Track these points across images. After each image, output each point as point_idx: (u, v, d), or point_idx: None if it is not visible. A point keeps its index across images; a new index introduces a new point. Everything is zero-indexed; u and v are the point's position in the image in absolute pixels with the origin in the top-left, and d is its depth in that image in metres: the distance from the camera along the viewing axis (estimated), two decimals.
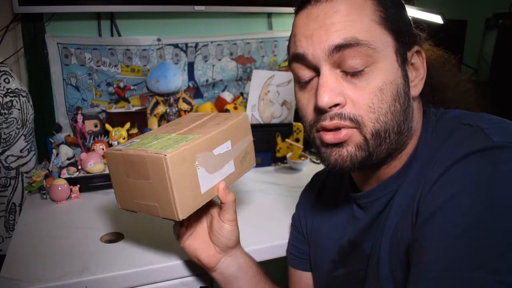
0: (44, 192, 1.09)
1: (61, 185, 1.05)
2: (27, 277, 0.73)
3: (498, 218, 0.41)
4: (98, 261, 0.78)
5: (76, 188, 1.09)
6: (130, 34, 1.44)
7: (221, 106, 1.53)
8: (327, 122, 0.54)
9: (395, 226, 0.56)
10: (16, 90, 1.17)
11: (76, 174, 1.13)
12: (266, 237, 0.88)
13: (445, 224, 0.44)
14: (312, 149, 1.43)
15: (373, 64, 0.53)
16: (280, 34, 1.66)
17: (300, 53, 0.56)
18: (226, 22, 1.58)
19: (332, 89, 0.53)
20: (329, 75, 0.54)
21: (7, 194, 1.20)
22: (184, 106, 1.46)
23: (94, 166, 1.12)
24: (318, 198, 0.77)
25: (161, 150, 0.59)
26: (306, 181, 0.84)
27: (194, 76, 1.57)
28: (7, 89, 1.15)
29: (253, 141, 0.74)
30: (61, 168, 1.13)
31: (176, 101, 1.47)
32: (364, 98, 0.53)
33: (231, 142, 0.67)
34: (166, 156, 0.57)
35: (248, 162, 0.73)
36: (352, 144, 0.55)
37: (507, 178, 0.42)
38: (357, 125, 0.54)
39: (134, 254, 0.81)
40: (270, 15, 1.64)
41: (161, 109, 1.44)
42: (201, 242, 0.71)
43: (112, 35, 1.43)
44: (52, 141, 1.24)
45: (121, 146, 0.65)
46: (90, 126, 1.32)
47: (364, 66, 0.53)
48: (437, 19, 1.41)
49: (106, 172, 1.15)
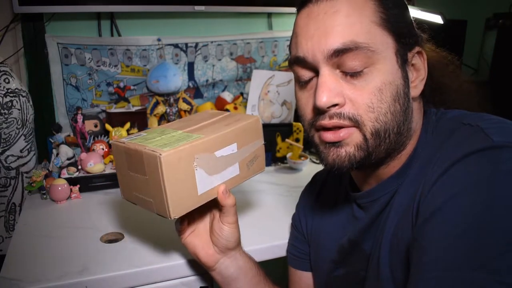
0: (44, 192, 1.09)
1: (61, 185, 1.05)
2: (27, 277, 0.73)
3: (498, 218, 0.41)
4: (98, 261, 0.78)
5: (76, 188, 1.09)
6: (130, 34, 1.44)
7: (221, 106, 1.53)
8: (326, 121, 0.55)
9: (396, 226, 0.56)
10: (16, 90, 1.17)
11: (76, 174, 1.13)
12: (266, 237, 0.88)
13: (445, 224, 0.44)
14: (312, 149, 1.43)
15: (372, 65, 0.53)
16: (280, 34, 1.66)
17: (300, 56, 0.56)
18: (226, 22, 1.58)
19: (331, 89, 0.53)
20: (328, 76, 0.54)
21: (7, 194, 1.20)
22: (184, 106, 1.46)
23: (94, 166, 1.12)
24: (318, 198, 0.77)
25: (159, 148, 0.59)
26: (306, 181, 0.84)
27: (194, 76, 1.56)
28: (7, 89, 1.15)
29: (264, 144, 0.73)
30: (61, 168, 1.13)
31: (176, 101, 1.47)
32: (363, 98, 0.53)
33: (237, 144, 0.67)
34: (161, 155, 0.57)
35: (256, 166, 0.72)
36: (351, 144, 0.55)
37: (507, 178, 0.42)
38: (356, 124, 0.54)
39: (134, 254, 0.81)
40: (270, 15, 1.64)
41: (161, 109, 1.44)
42: (201, 240, 0.71)
43: (112, 35, 1.43)
44: (52, 141, 1.24)
45: (125, 139, 0.66)
46: (90, 126, 1.32)
47: (363, 67, 0.53)
48: (437, 19, 1.41)
49: (106, 172, 1.15)
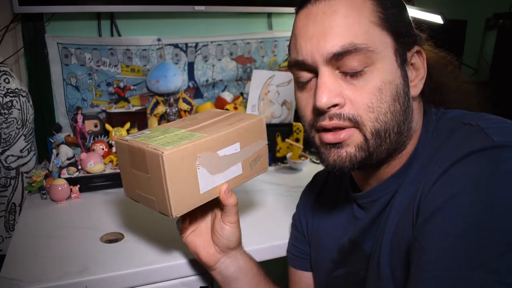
0: (44, 192, 1.09)
1: (61, 185, 1.05)
2: (27, 277, 0.73)
3: (498, 218, 0.41)
4: (98, 261, 0.78)
5: (76, 188, 1.09)
6: (130, 34, 1.44)
7: (221, 106, 1.53)
8: (326, 122, 0.55)
9: (396, 226, 0.56)
10: (16, 90, 1.17)
11: (76, 174, 1.13)
12: (266, 237, 0.88)
13: (445, 224, 0.44)
14: (312, 149, 1.43)
15: (371, 65, 0.53)
16: (280, 34, 1.66)
17: (300, 59, 0.56)
18: (226, 22, 1.58)
19: (330, 90, 0.53)
20: (327, 76, 0.54)
21: (7, 194, 1.20)
22: (184, 106, 1.46)
23: (94, 166, 1.12)
24: (318, 198, 0.77)
25: (161, 146, 0.59)
26: (306, 181, 0.84)
27: (194, 76, 1.56)
28: (7, 89, 1.15)
29: (267, 144, 0.72)
30: (61, 168, 1.13)
31: (176, 101, 1.47)
32: (363, 98, 0.53)
33: (240, 144, 0.67)
34: (163, 153, 0.57)
35: (259, 166, 0.72)
36: (352, 144, 0.55)
37: (507, 178, 0.42)
38: (356, 125, 0.54)
39: (134, 254, 0.81)
40: (270, 15, 1.64)
41: (161, 109, 1.44)
42: (202, 239, 0.71)
43: (112, 35, 1.43)
44: (52, 141, 1.24)
45: (128, 137, 0.66)
46: (90, 126, 1.32)
47: (362, 67, 0.53)
48: (437, 19, 1.41)
49: (106, 172, 1.15)
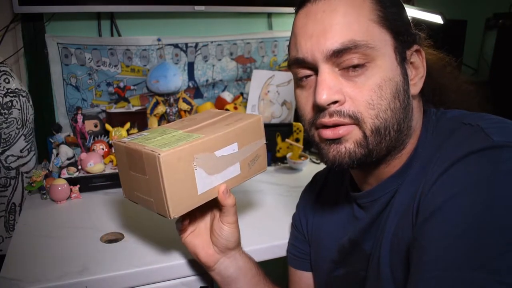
0: (44, 192, 1.09)
1: (61, 185, 1.05)
2: (27, 277, 0.73)
3: (498, 218, 0.41)
4: (98, 261, 0.78)
5: (76, 188, 1.09)
6: (130, 34, 1.44)
7: (221, 106, 1.53)
8: (326, 119, 0.55)
9: (396, 226, 0.56)
10: (16, 90, 1.17)
11: (76, 174, 1.13)
12: (266, 237, 0.88)
13: (445, 223, 0.44)
14: (312, 149, 1.43)
15: (372, 61, 0.53)
16: (280, 34, 1.66)
17: (300, 57, 0.56)
18: (226, 22, 1.58)
19: (330, 86, 0.53)
20: (327, 73, 0.54)
21: (7, 194, 1.20)
22: (184, 106, 1.46)
23: (94, 166, 1.12)
24: (318, 198, 0.77)
25: (158, 147, 0.59)
26: (306, 181, 0.84)
27: (194, 76, 1.56)
28: (7, 89, 1.15)
29: (266, 144, 0.72)
30: (61, 168, 1.13)
31: (176, 101, 1.47)
32: (363, 95, 0.53)
33: (238, 144, 0.67)
34: (160, 155, 0.57)
35: (258, 165, 0.72)
36: (351, 140, 0.55)
37: (507, 178, 0.42)
38: (356, 121, 0.54)
39: (134, 254, 0.81)
40: (270, 15, 1.64)
41: (161, 109, 1.44)
42: (201, 240, 0.71)
43: (112, 35, 1.43)
44: (52, 141, 1.24)
45: (126, 139, 0.66)
46: (90, 126, 1.32)
47: (363, 64, 0.53)
48: (437, 19, 1.41)
49: (106, 172, 1.15)
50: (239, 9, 1.53)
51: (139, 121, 1.36)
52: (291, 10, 0.60)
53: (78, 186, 1.09)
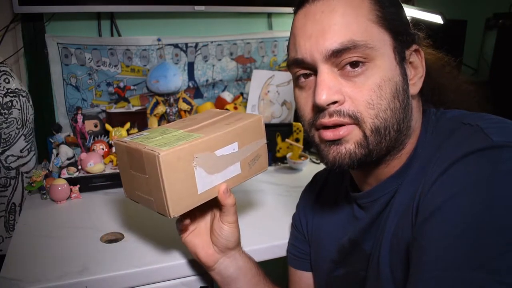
0: (44, 192, 1.09)
1: (61, 185, 1.05)
2: (27, 277, 0.73)
3: (497, 218, 0.41)
4: (98, 261, 0.78)
5: (76, 188, 1.09)
6: (130, 34, 1.44)
7: (221, 106, 1.53)
8: (326, 119, 0.55)
9: (396, 226, 0.56)
10: (16, 90, 1.17)
11: (76, 174, 1.13)
12: (266, 237, 0.88)
13: (444, 223, 0.44)
14: (312, 149, 1.43)
15: (371, 61, 0.53)
16: (280, 34, 1.66)
17: (299, 58, 0.56)
18: (226, 22, 1.58)
19: (330, 87, 0.53)
20: (327, 74, 0.54)
21: (7, 194, 1.20)
22: (184, 106, 1.46)
23: (94, 166, 1.12)
24: (318, 198, 0.77)
25: (158, 147, 0.59)
26: (306, 181, 0.84)
27: (194, 76, 1.56)
28: (7, 89, 1.15)
29: (267, 143, 0.72)
30: (61, 168, 1.13)
31: (176, 101, 1.47)
32: (363, 95, 0.53)
33: (239, 143, 0.67)
34: (159, 154, 0.57)
35: (259, 165, 0.72)
36: (351, 141, 0.55)
37: (507, 178, 0.42)
38: (356, 121, 0.54)
39: (134, 254, 0.81)
40: (270, 15, 1.64)
41: (161, 109, 1.44)
42: (201, 239, 0.71)
43: (112, 35, 1.43)
44: (52, 141, 1.24)
45: (127, 138, 0.66)
46: (90, 126, 1.32)
47: (362, 64, 0.53)
48: (437, 19, 1.41)
49: (106, 172, 1.15)
50: (239, 9, 1.53)
51: (139, 121, 1.36)
52: (291, 10, 0.60)
53: (78, 186, 1.09)
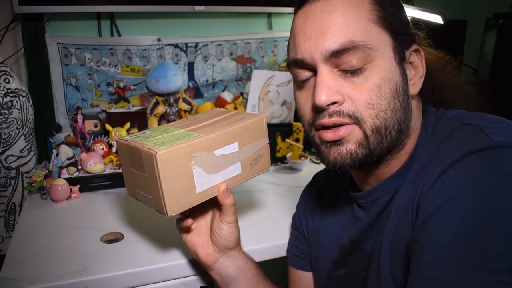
0: (44, 192, 1.09)
1: (61, 185, 1.05)
2: (27, 277, 0.73)
3: (497, 218, 0.41)
4: (98, 261, 0.78)
5: (76, 188, 1.09)
6: (130, 34, 1.44)
7: (221, 106, 1.53)
8: (326, 120, 0.55)
9: (396, 226, 0.56)
10: (16, 90, 1.17)
11: (76, 174, 1.13)
12: (266, 237, 0.88)
13: (444, 223, 0.44)
14: (312, 149, 1.43)
15: (371, 62, 0.53)
16: (280, 34, 1.66)
17: (299, 58, 0.56)
18: (226, 22, 1.58)
19: (329, 87, 0.53)
20: (326, 74, 0.54)
21: (7, 194, 1.20)
22: (184, 106, 1.46)
23: (94, 166, 1.12)
24: (318, 198, 0.77)
25: (156, 146, 0.60)
26: (306, 181, 0.84)
27: (194, 76, 1.56)
28: (7, 89, 1.15)
29: (269, 143, 0.72)
30: (61, 168, 1.13)
31: (176, 101, 1.47)
32: (362, 95, 0.53)
33: (239, 143, 0.67)
34: (156, 153, 0.58)
35: (260, 165, 0.72)
36: (352, 141, 0.55)
37: (507, 178, 0.42)
38: (356, 121, 0.54)
39: (134, 254, 0.81)
40: (270, 15, 1.64)
41: (161, 109, 1.44)
42: (201, 239, 0.71)
43: (112, 35, 1.43)
44: (52, 141, 1.24)
45: (128, 137, 0.67)
46: (90, 126, 1.32)
47: (361, 64, 0.53)
48: (437, 19, 1.41)
49: (106, 172, 1.15)
50: (239, 9, 1.53)
51: (139, 121, 1.36)
52: (291, 10, 0.60)
53: (78, 186, 1.10)
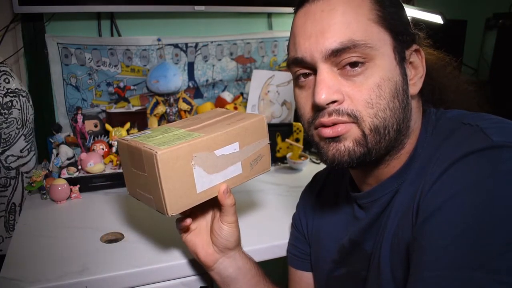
0: (44, 192, 1.09)
1: (61, 185, 1.05)
2: (27, 277, 0.73)
3: (497, 218, 0.41)
4: (98, 261, 0.78)
5: (76, 188, 1.09)
6: (130, 34, 1.44)
7: (221, 106, 1.53)
8: (325, 119, 0.55)
9: (396, 226, 0.56)
10: (16, 90, 1.17)
11: (76, 174, 1.13)
12: (266, 237, 0.88)
13: (444, 223, 0.44)
14: (312, 149, 1.43)
15: (371, 61, 0.53)
16: (280, 34, 1.66)
17: (299, 57, 0.56)
18: (226, 22, 1.58)
19: (329, 86, 0.53)
20: (326, 73, 0.54)
21: (7, 194, 1.20)
22: (184, 106, 1.46)
23: (94, 166, 1.12)
24: (318, 198, 0.77)
25: (156, 146, 0.60)
26: (306, 181, 0.84)
27: (194, 76, 1.56)
28: (7, 89, 1.15)
29: (269, 143, 0.72)
30: (61, 168, 1.13)
31: (176, 101, 1.47)
32: (362, 94, 0.53)
33: (240, 143, 0.67)
34: (156, 153, 0.58)
35: (261, 165, 0.72)
36: (350, 139, 0.55)
37: (507, 178, 0.42)
38: (355, 120, 0.54)
39: (134, 254, 0.81)
40: (270, 15, 1.64)
41: (161, 109, 1.44)
42: (201, 239, 0.71)
43: (112, 35, 1.43)
44: (52, 141, 1.24)
45: (129, 137, 0.67)
46: (90, 126, 1.32)
47: (362, 63, 0.53)
48: (437, 19, 1.41)
49: (106, 172, 1.15)
50: (239, 9, 1.53)
51: (139, 121, 1.36)
52: (291, 10, 0.60)
53: (78, 186, 1.10)
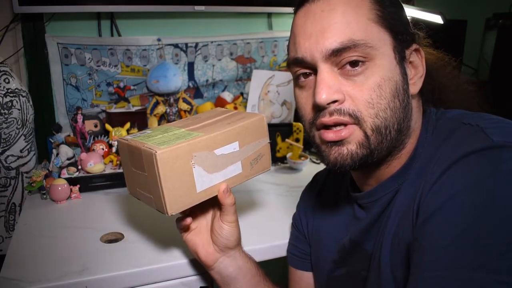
0: (44, 192, 1.09)
1: (61, 185, 1.05)
2: (27, 277, 0.73)
3: (498, 218, 0.41)
4: (98, 261, 0.78)
5: (76, 188, 1.09)
6: (130, 34, 1.44)
7: (221, 106, 1.53)
8: (327, 118, 0.55)
9: (397, 226, 0.56)
10: (16, 90, 1.17)
11: (76, 174, 1.13)
12: (266, 237, 0.88)
13: (445, 223, 0.44)
14: (312, 149, 1.43)
15: (371, 61, 0.53)
16: (280, 34, 1.66)
17: (299, 57, 0.56)
18: (226, 22, 1.58)
19: (330, 86, 0.53)
20: (327, 73, 0.54)
21: (7, 194, 1.20)
22: (184, 106, 1.46)
23: (94, 166, 1.12)
24: (318, 198, 0.77)
25: (156, 145, 0.60)
26: (306, 181, 0.84)
27: (194, 76, 1.56)
28: (7, 89, 1.15)
29: (269, 143, 0.72)
30: (61, 168, 1.13)
31: (176, 101, 1.47)
32: (363, 94, 0.53)
33: (239, 143, 0.67)
34: (156, 152, 0.58)
35: (261, 164, 0.72)
36: (353, 142, 0.55)
37: (507, 178, 0.42)
38: (356, 120, 0.54)
39: (134, 254, 0.81)
40: (270, 15, 1.64)
41: (161, 109, 1.44)
42: (202, 238, 0.71)
43: (112, 35, 1.43)
44: (52, 141, 1.24)
45: (129, 136, 0.67)
46: (90, 126, 1.32)
47: (362, 63, 0.53)
48: (437, 19, 1.41)
49: (106, 172, 1.15)
50: (239, 9, 1.53)
51: (139, 121, 1.36)
52: (291, 10, 0.60)
53: (78, 186, 1.10)
